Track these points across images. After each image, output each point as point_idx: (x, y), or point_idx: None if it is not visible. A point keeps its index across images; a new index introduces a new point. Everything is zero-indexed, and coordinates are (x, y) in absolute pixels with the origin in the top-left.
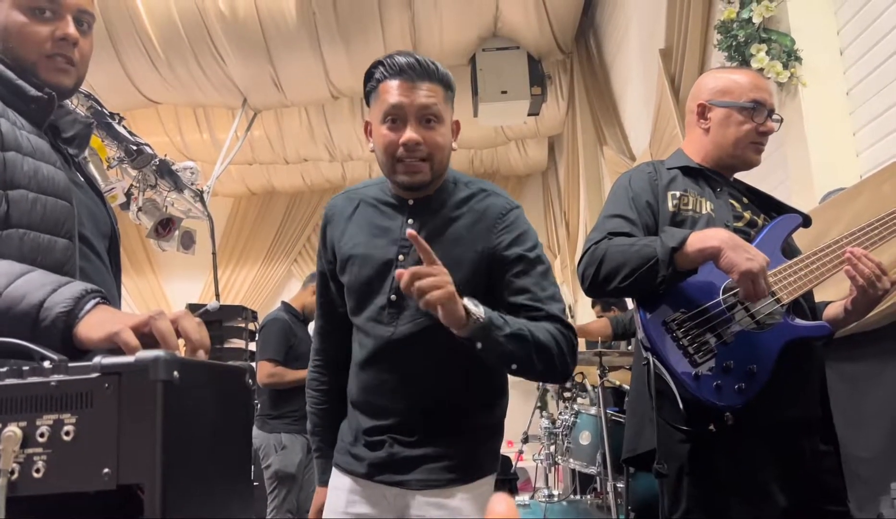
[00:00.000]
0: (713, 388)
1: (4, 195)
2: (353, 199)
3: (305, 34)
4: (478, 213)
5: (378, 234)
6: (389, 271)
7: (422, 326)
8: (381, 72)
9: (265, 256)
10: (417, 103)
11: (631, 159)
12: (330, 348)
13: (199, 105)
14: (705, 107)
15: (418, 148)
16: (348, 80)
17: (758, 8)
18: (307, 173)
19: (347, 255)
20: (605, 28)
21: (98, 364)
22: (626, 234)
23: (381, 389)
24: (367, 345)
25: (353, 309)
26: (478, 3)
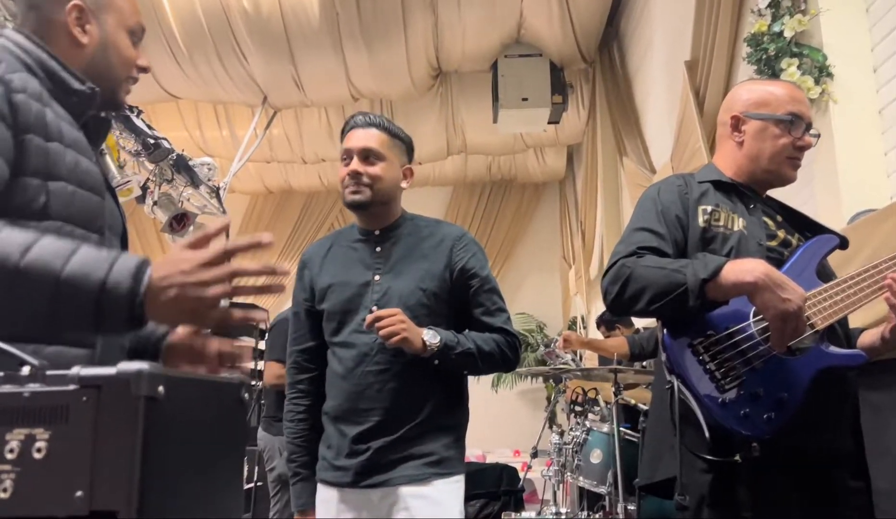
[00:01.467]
0: (740, 416)
1: (45, 186)
2: (325, 244)
3: (328, 35)
4: (438, 237)
5: (353, 264)
6: (368, 290)
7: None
8: (350, 124)
9: (280, 255)
10: (360, 147)
11: (651, 172)
12: (305, 380)
13: (220, 101)
14: (739, 119)
15: (359, 176)
16: (369, 82)
17: (790, 22)
18: (324, 173)
19: (327, 285)
20: (630, 38)
21: (76, 375)
22: (654, 248)
23: (367, 392)
24: (350, 355)
25: (334, 329)
26: (502, 10)
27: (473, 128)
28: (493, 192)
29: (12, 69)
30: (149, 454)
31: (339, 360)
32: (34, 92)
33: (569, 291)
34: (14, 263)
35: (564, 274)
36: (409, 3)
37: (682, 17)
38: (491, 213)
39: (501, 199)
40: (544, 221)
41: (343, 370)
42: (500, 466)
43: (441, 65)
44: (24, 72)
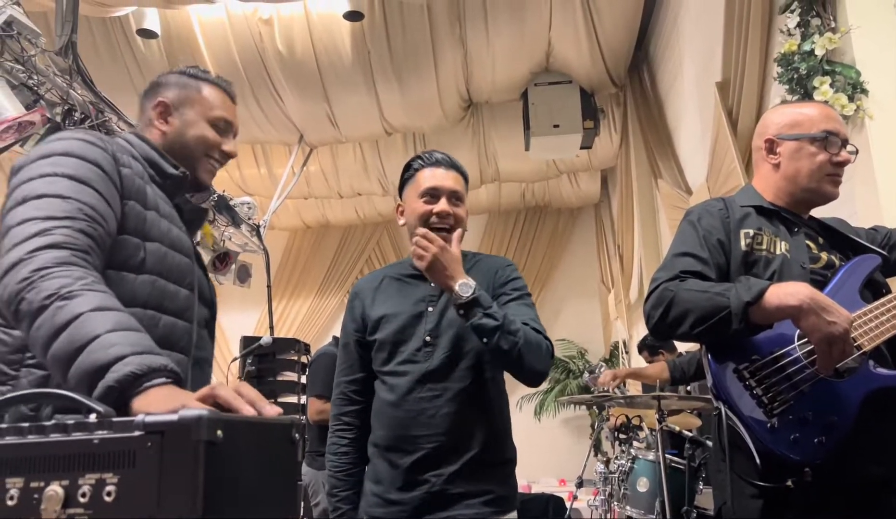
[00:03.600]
0: (790, 441)
1: (143, 245)
2: (376, 277)
3: (360, 72)
4: (485, 267)
5: (406, 297)
6: (421, 321)
7: (452, 358)
8: (419, 162)
9: (318, 289)
10: (448, 188)
11: (687, 193)
12: (351, 413)
13: (257, 142)
14: (774, 141)
15: (448, 217)
16: (401, 117)
17: (820, 40)
18: (360, 207)
19: (381, 315)
20: (659, 61)
21: (141, 422)
22: (697, 273)
23: (419, 418)
24: (401, 382)
25: (385, 359)
26: (530, 39)
27: (506, 156)
28: (528, 218)
29: (121, 152)
30: (209, 495)
31: (390, 388)
32: (137, 171)
33: (609, 316)
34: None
35: (604, 298)
36: (439, 37)
37: (712, 38)
38: (526, 240)
39: (536, 226)
40: (581, 246)
41: (394, 397)
42: (547, 496)
43: (472, 96)
44: (130, 157)
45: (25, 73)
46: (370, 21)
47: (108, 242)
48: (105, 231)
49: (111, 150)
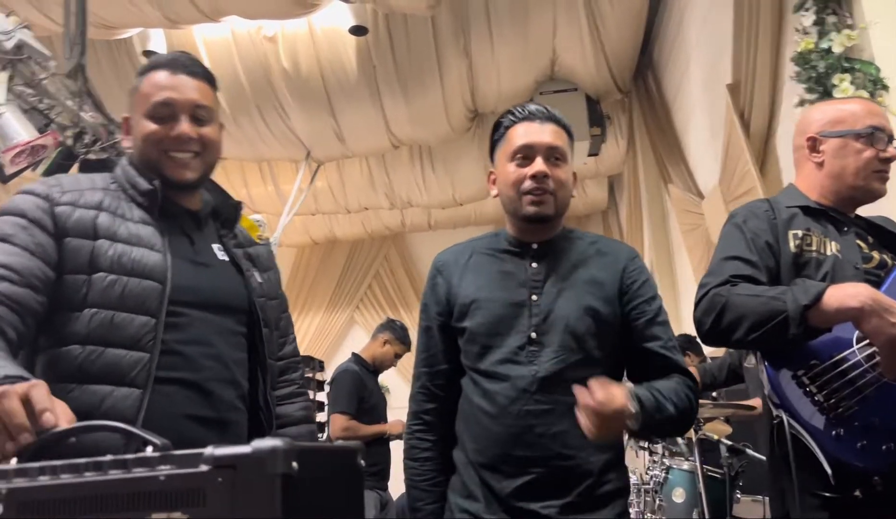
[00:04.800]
0: (857, 448)
1: (87, 280)
2: (464, 250)
3: (366, 86)
4: (607, 255)
5: (503, 278)
6: (522, 312)
7: (567, 361)
8: (509, 119)
9: (328, 305)
10: (544, 144)
11: (699, 197)
12: (433, 410)
13: (264, 159)
14: (816, 139)
15: (546, 180)
16: (408, 129)
17: (838, 38)
18: (367, 221)
19: (471, 299)
20: (664, 66)
21: (211, 456)
22: (748, 277)
23: (525, 436)
24: (502, 390)
25: (478, 354)
26: (534, 47)
27: None
28: None
29: (73, 188)
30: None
31: (486, 394)
32: (88, 202)
33: None
34: None
35: None
36: (443, 49)
37: (719, 42)
38: None
39: None
40: None
41: (494, 408)
42: None
43: (477, 106)
44: (100, 191)
45: (36, 96)
46: (374, 35)
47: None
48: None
49: (48, 192)
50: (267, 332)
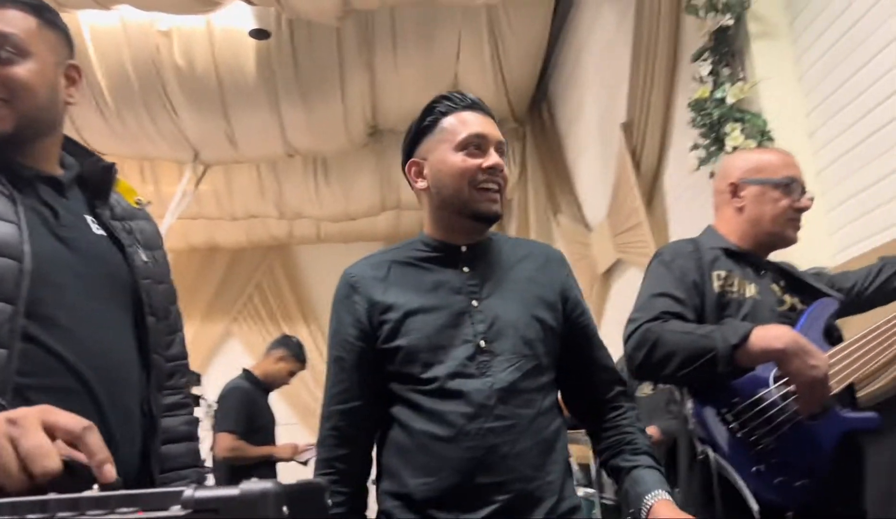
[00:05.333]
0: (775, 484)
1: None
2: (378, 263)
3: (263, 91)
4: (541, 257)
5: (434, 288)
6: (464, 320)
7: (523, 369)
8: (446, 105)
9: (204, 315)
10: (496, 136)
11: (586, 228)
12: (347, 457)
13: (147, 158)
14: (737, 185)
15: (501, 174)
16: (305, 139)
17: (732, 89)
18: (253, 230)
19: (403, 313)
20: (560, 99)
21: (191, 497)
22: (677, 314)
23: (488, 459)
24: (456, 408)
25: (419, 373)
26: (437, 68)
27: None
28: None
29: None
30: None
31: (436, 416)
32: None
33: None
34: None
35: None
36: (347, 61)
37: (615, 81)
38: None
39: None
40: None
41: (447, 431)
42: None
43: (378, 122)
44: None
45: None
46: (277, 40)
47: None
48: None
49: None
50: (153, 321)
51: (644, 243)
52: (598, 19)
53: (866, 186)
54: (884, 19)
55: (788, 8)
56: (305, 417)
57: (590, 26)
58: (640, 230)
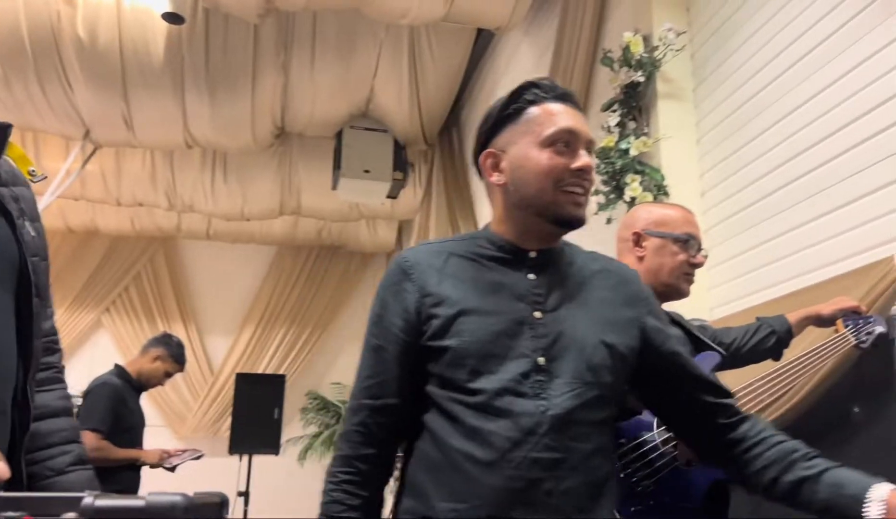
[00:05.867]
0: None
1: None
2: (437, 251)
3: (169, 77)
4: (616, 275)
5: (492, 290)
6: (523, 331)
7: (583, 397)
8: (534, 93)
9: (73, 301)
10: (587, 134)
11: None
12: (372, 458)
13: (31, 129)
14: (641, 235)
15: (589, 177)
16: (207, 131)
17: (636, 142)
18: (138, 218)
19: (456, 312)
20: (471, 128)
21: (90, 506)
22: None
23: (530, 493)
24: (501, 430)
25: (465, 382)
26: (354, 81)
27: (310, 191)
28: (320, 257)
29: None
30: None
31: (476, 434)
32: None
33: None
34: None
35: None
36: (262, 60)
37: None
38: (315, 279)
39: (328, 265)
40: (369, 292)
41: (488, 454)
42: None
43: (285, 125)
44: None
45: None
46: (190, 27)
47: None
48: None
49: None
50: (38, 302)
51: None
52: (516, 57)
53: (747, 249)
54: (779, 96)
55: (694, 74)
56: (173, 422)
57: (507, 62)
58: None
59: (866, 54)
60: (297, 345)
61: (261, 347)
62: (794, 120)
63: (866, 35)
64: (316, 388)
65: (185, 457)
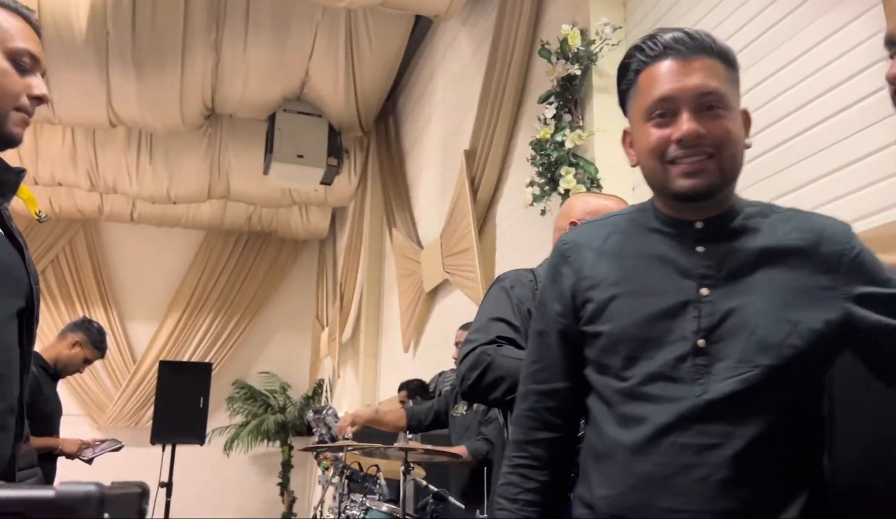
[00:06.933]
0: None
1: None
2: (599, 229)
3: (94, 52)
4: (810, 236)
5: (654, 266)
6: (686, 312)
7: (750, 382)
8: (638, 60)
9: None
10: (690, 90)
11: (419, 246)
12: (547, 442)
13: None
14: (577, 225)
15: (700, 141)
16: (133, 110)
17: (571, 135)
18: (57, 198)
19: (609, 295)
20: (407, 116)
21: None
22: (511, 340)
23: (676, 480)
24: (651, 416)
25: (619, 368)
26: (289, 63)
27: (240, 175)
28: (250, 242)
29: None
30: None
31: (627, 421)
32: None
33: (319, 353)
34: None
35: (317, 335)
36: (192, 37)
37: (462, 108)
38: (245, 265)
39: (258, 252)
40: (301, 279)
41: (635, 437)
42: None
43: (216, 106)
44: None
45: None
46: (116, 0)
47: None
48: None
49: None
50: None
51: (471, 268)
52: (455, 46)
53: None
54: None
55: None
56: (92, 411)
57: (445, 51)
58: (469, 255)
59: (803, 49)
60: (225, 333)
61: (186, 334)
62: None
63: (802, 30)
64: (244, 377)
65: (103, 448)
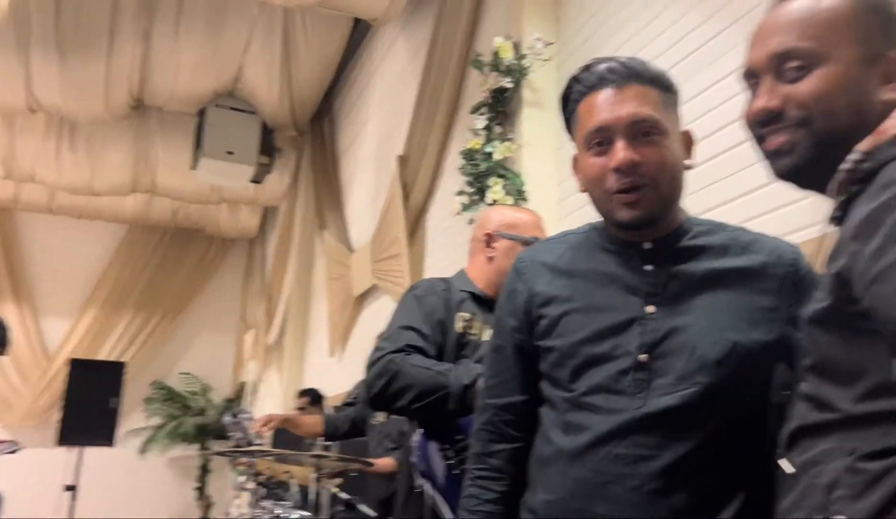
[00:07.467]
0: None
1: None
2: (552, 247)
3: (13, 32)
4: (759, 257)
5: (604, 284)
6: (630, 327)
7: (688, 398)
8: (577, 91)
9: None
10: (624, 118)
11: (349, 250)
12: (503, 454)
13: None
14: (492, 236)
15: (636, 170)
16: (54, 96)
17: (500, 147)
18: None
19: (561, 312)
20: (343, 118)
21: None
22: (420, 348)
23: (610, 488)
24: (591, 425)
25: (566, 381)
26: (222, 57)
27: (167, 169)
28: (176, 239)
29: None
30: None
31: (569, 429)
32: None
33: (243, 355)
34: None
35: (241, 336)
36: (120, 24)
37: (397, 113)
38: (169, 262)
39: (183, 249)
40: (227, 279)
41: (576, 444)
42: None
43: (144, 97)
44: None
45: None
46: None
47: None
48: None
49: None
50: None
51: (400, 274)
52: (392, 51)
53: None
54: None
55: (560, 84)
56: None
57: (383, 56)
58: (399, 260)
59: (731, 68)
60: (145, 331)
61: (104, 331)
62: None
63: (732, 50)
64: (164, 377)
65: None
